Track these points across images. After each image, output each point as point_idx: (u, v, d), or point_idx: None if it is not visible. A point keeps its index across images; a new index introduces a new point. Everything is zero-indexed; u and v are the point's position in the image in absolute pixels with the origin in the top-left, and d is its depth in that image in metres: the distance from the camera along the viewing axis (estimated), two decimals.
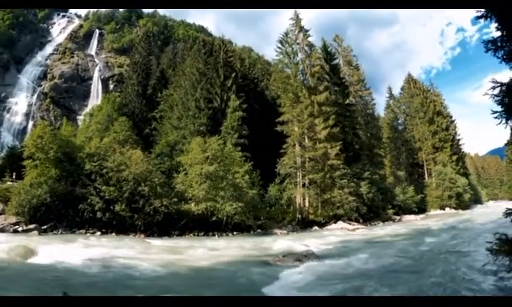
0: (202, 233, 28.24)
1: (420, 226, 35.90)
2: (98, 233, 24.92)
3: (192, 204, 29.29)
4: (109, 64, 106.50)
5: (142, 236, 25.19)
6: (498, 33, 8.88)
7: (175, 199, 28.25)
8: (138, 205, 26.37)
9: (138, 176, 27.16)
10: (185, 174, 31.02)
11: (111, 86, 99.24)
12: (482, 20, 8.62)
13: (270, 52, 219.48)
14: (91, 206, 25.52)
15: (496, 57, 8.91)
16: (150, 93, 53.71)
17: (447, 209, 65.27)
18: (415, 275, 12.16)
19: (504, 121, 8.35)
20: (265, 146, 44.01)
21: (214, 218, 28.61)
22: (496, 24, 8.76)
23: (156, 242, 22.69)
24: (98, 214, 25.43)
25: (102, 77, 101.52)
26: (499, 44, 8.80)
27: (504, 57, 8.81)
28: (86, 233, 24.66)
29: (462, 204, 69.13)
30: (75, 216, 25.51)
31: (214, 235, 28.12)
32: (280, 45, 45.15)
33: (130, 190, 26.54)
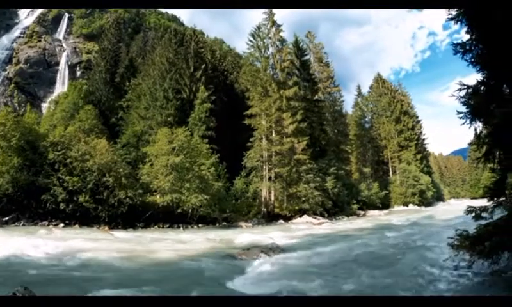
0: (167, 226, 28.01)
1: (383, 221, 36.41)
2: (62, 224, 24.20)
3: (158, 196, 29.04)
4: (77, 50, 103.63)
5: (106, 228, 24.55)
6: (468, 36, 9.13)
7: (140, 191, 27.83)
8: (102, 196, 25.75)
9: (103, 166, 26.52)
10: (151, 165, 30.63)
11: (78, 73, 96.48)
12: (453, 24, 8.85)
13: (242, 45, 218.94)
14: (54, 197, 24.60)
15: (464, 60, 9.18)
16: (117, 81, 52.32)
17: (410, 205, 67.26)
18: (377, 269, 12.30)
19: (468, 121, 8.60)
20: (232, 138, 43.98)
21: (179, 210, 28.49)
22: (466, 28, 9.01)
23: (120, 234, 22.27)
24: (62, 205, 24.55)
25: (70, 63, 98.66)
26: (467, 47, 9.05)
27: (472, 60, 9.06)
28: (48, 225, 23.88)
29: (425, 201, 71.35)
30: (38, 207, 24.60)
31: (179, 227, 27.93)
32: (251, 39, 45.15)
33: (94, 181, 25.89)
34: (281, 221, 36.48)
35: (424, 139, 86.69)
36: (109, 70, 52.12)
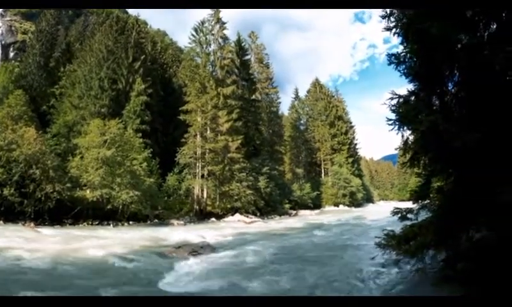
0: (97, 223, 27.13)
1: (314, 221, 37.17)
2: None
3: (88, 191, 27.89)
4: (13, 29, 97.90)
5: (32, 224, 22.87)
6: (402, 48, 9.60)
7: (69, 185, 26.43)
8: (28, 190, 24.07)
9: (30, 157, 24.76)
10: (82, 158, 29.46)
11: (11, 54, 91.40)
12: (392, 38, 9.27)
13: (184, 40, 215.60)
14: None
15: (398, 70, 9.64)
16: (52, 66, 49.57)
17: (341, 206, 69.72)
18: (309, 267, 12.62)
19: (396, 128, 9.03)
20: (167, 134, 43.54)
21: (109, 206, 27.61)
22: (400, 39, 9.45)
23: (47, 231, 21.10)
24: None
25: (3, 42, 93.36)
26: (402, 59, 9.49)
27: (405, 71, 9.53)
28: None
29: (355, 202, 74.28)
30: None
31: (109, 224, 27.18)
32: (194, 33, 44.78)
33: (20, 172, 24.14)
34: (213, 219, 36.47)
35: (356, 144, 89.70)
36: (44, 54, 49.24)
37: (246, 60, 54.42)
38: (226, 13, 57.67)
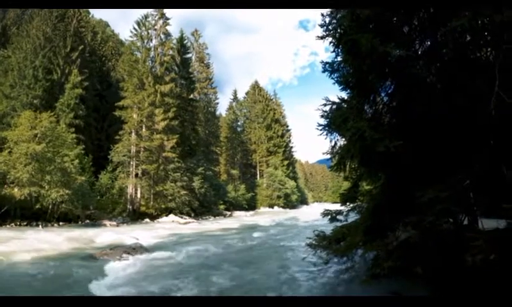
0: (25, 223, 25.62)
1: (249, 222, 37.64)
2: None
3: (15, 189, 26.22)
4: None
5: None
6: (334, 56, 9.91)
7: None
8: None
9: None
10: (10, 152, 27.47)
11: None
12: (330, 47, 9.51)
13: (127, 33, 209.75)
14: None
15: (331, 78, 9.96)
16: None
17: (276, 208, 71.13)
18: (244, 268, 12.80)
19: (325, 133, 9.32)
20: (101, 130, 42.46)
21: (38, 205, 26.16)
22: (333, 48, 9.73)
23: None
24: None
25: None
26: (335, 67, 9.81)
27: (337, 79, 9.86)
28: None
29: (289, 204, 76.27)
30: None
31: (38, 225, 25.83)
32: (136, 27, 43.59)
33: None
34: (147, 220, 35.94)
35: (292, 147, 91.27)
36: None
37: (187, 58, 54.15)
38: (171, 9, 57.08)
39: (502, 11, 5.53)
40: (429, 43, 8.40)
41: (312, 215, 40.43)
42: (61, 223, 27.57)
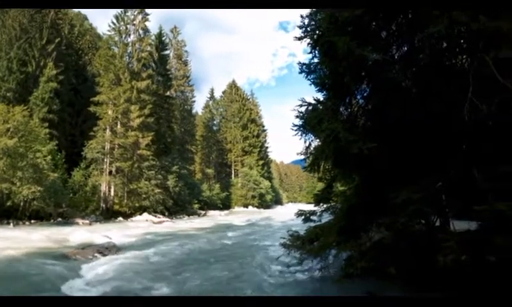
0: None
1: (223, 221, 37.69)
2: None
3: None
4: None
5: None
6: (311, 57, 9.98)
7: None
8: None
9: None
10: None
11: None
12: (308, 48, 9.55)
13: (105, 27, 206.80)
14: None
15: (308, 79, 10.03)
16: None
17: (250, 207, 71.43)
18: (214, 267, 12.77)
19: (300, 133, 9.38)
20: (75, 126, 41.81)
21: (9, 203, 25.49)
22: (311, 49, 9.78)
23: None
24: None
25: None
26: (312, 68, 9.87)
27: (314, 80, 9.92)
28: None
29: (264, 203, 76.58)
30: None
31: (8, 223, 25.09)
32: (114, 21, 42.77)
33: None
34: (120, 218, 35.46)
35: (267, 147, 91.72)
36: None
37: (165, 55, 53.76)
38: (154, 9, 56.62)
39: (478, 20, 5.65)
40: (405, 48, 8.56)
41: (286, 215, 40.69)
42: (32, 221, 26.95)
